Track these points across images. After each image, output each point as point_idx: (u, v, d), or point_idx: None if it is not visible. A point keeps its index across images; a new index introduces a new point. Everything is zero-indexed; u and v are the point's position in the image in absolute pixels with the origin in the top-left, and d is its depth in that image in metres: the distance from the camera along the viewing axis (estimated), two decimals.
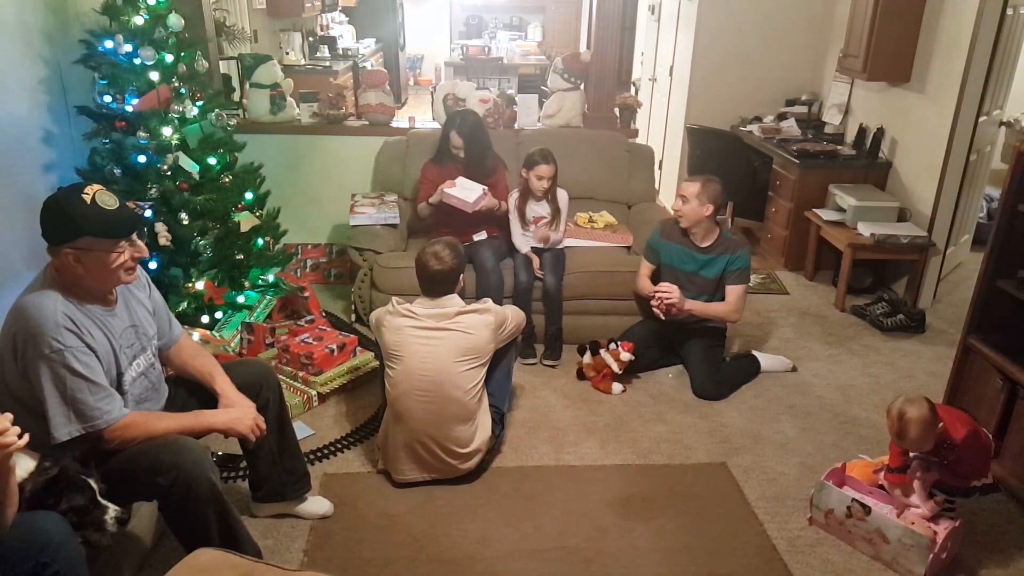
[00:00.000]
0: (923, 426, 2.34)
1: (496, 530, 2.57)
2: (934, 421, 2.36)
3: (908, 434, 2.36)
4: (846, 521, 2.53)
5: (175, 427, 2.08)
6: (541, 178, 3.70)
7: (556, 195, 3.81)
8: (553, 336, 3.70)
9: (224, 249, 3.37)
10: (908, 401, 2.38)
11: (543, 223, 3.79)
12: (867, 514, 2.46)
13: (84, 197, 1.90)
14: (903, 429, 2.36)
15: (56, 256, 1.93)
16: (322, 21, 8.18)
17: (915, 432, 2.35)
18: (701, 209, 3.40)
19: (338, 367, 3.34)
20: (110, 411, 1.94)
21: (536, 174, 3.70)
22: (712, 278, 3.49)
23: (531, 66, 9.16)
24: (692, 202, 3.40)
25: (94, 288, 1.99)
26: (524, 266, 3.69)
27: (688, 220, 3.44)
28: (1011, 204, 2.75)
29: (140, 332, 2.14)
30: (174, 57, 3.21)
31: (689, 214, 3.43)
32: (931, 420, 2.35)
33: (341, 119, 4.44)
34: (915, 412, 2.35)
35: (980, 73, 3.96)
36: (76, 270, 1.92)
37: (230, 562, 1.69)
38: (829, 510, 2.57)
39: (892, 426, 2.40)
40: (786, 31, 5.48)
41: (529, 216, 3.82)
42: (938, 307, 4.43)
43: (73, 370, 1.88)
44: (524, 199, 3.82)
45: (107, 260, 1.94)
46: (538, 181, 3.70)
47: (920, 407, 2.35)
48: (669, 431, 3.18)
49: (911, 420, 2.34)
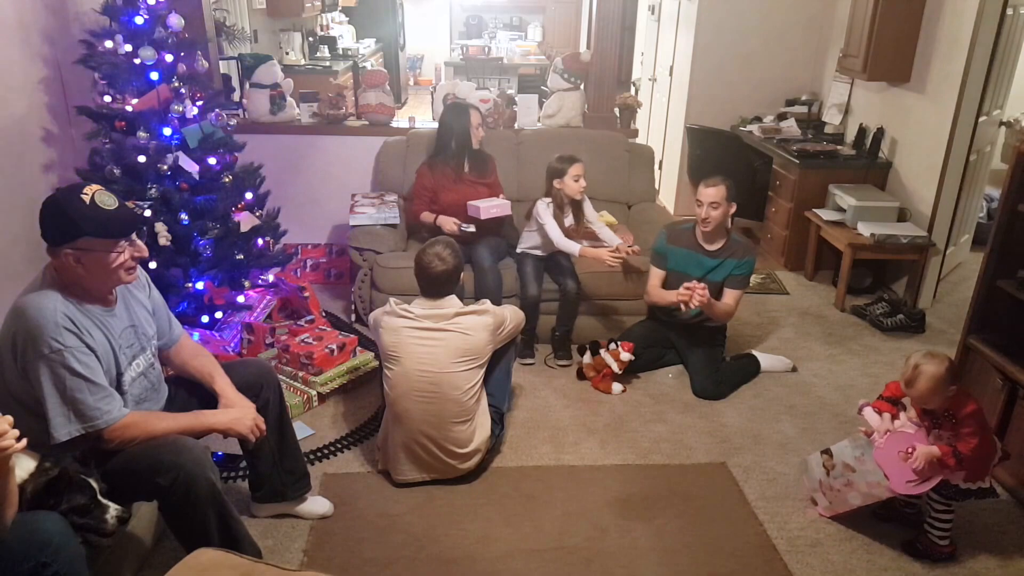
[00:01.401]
0: (935, 382, 2.33)
1: (496, 530, 2.57)
2: (947, 381, 2.34)
3: (916, 384, 2.37)
4: (831, 481, 2.56)
5: (175, 427, 2.08)
6: (578, 178, 3.58)
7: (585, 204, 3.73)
8: (563, 337, 3.70)
9: (224, 249, 3.36)
10: (930, 355, 2.38)
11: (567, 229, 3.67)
12: (832, 457, 2.48)
13: (83, 197, 1.90)
14: (913, 378, 2.37)
15: (56, 257, 1.93)
16: (322, 21, 8.18)
17: (923, 385, 2.35)
18: (728, 209, 3.38)
19: (338, 367, 3.34)
20: (109, 411, 1.94)
21: (573, 174, 3.57)
22: (719, 282, 3.44)
23: (531, 66, 9.15)
24: (723, 206, 3.35)
25: (94, 288, 1.99)
26: (535, 277, 3.61)
27: (715, 223, 3.37)
28: (1011, 204, 2.76)
29: (140, 332, 2.14)
30: (174, 57, 3.21)
31: (720, 218, 3.36)
32: (944, 379, 2.34)
33: (341, 119, 4.44)
34: (931, 367, 2.35)
35: (980, 73, 3.96)
36: (76, 270, 1.92)
37: (230, 562, 1.69)
38: (817, 481, 2.60)
39: (905, 373, 2.41)
40: (786, 31, 5.48)
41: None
42: (938, 307, 4.43)
43: (73, 370, 1.88)
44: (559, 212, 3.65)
45: (107, 260, 1.95)
46: (575, 183, 3.58)
47: (939, 364, 2.35)
48: (669, 431, 3.18)
49: (923, 372, 2.35)
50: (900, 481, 2.39)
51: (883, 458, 2.42)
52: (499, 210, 3.70)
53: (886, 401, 2.60)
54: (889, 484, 2.40)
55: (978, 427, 2.37)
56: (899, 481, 2.39)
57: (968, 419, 2.36)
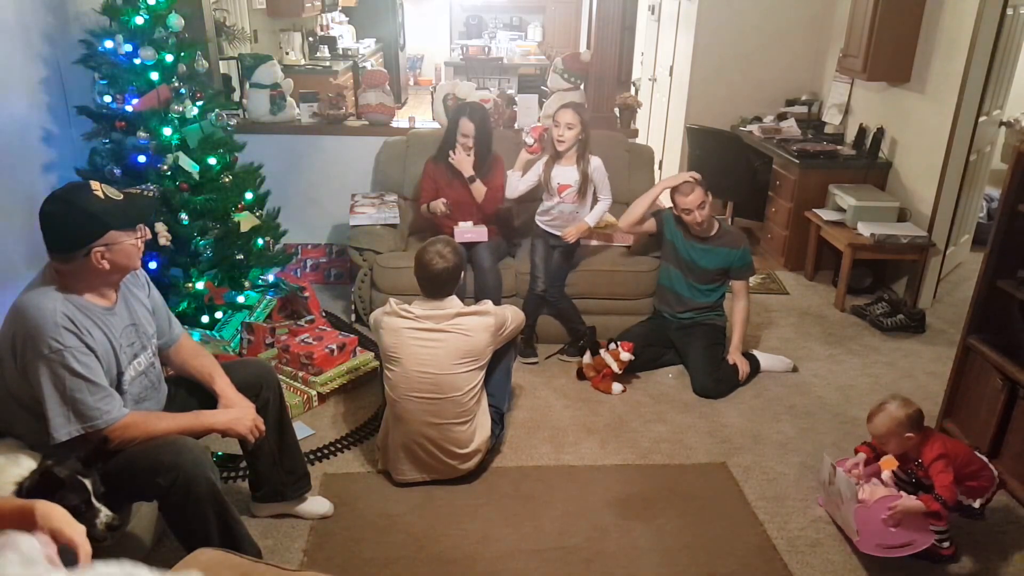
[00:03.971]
0: (892, 422, 2.42)
1: (496, 530, 2.57)
2: (905, 426, 2.41)
3: (875, 419, 2.47)
4: (828, 487, 2.61)
5: (175, 427, 2.08)
6: (559, 125, 3.52)
7: (587, 160, 3.62)
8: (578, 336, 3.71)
9: (224, 249, 3.36)
10: (902, 399, 2.46)
11: (568, 192, 3.64)
12: (835, 475, 2.53)
13: (96, 194, 1.90)
14: (875, 414, 2.48)
15: (76, 260, 1.90)
16: (322, 21, 8.18)
17: (880, 422, 2.45)
18: (708, 200, 3.48)
19: (338, 367, 3.34)
20: (109, 411, 1.94)
21: (555, 120, 3.53)
22: (711, 268, 3.54)
23: (531, 66, 9.15)
24: (706, 202, 3.46)
25: (108, 283, 2.00)
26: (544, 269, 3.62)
27: (705, 219, 3.49)
28: (1011, 204, 2.75)
29: (140, 331, 2.14)
30: (174, 57, 3.21)
31: (706, 214, 3.49)
32: (902, 423, 2.41)
33: (341, 119, 4.44)
34: (893, 408, 2.44)
35: (980, 73, 3.96)
36: (102, 267, 1.92)
37: (230, 562, 1.69)
38: (823, 480, 2.66)
39: (873, 407, 2.51)
40: (786, 31, 5.48)
41: (553, 183, 3.66)
42: (938, 307, 4.43)
43: (72, 370, 1.87)
44: (551, 163, 3.65)
45: (132, 250, 1.99)
46: (556, 129, 3.52)
47: (902, 409, 2.42)
48: (669, 431, 3.18)
49: (886, 410, 2.45)
50: (870, 543, 2.39)
51: (863, 517, 2.40)
52: (474, 235, 3.68)
53: (868, 446, 2.65)
54: (858, 541, 2.42)
55: (946, 465, 2.40)
56: (869, 543, 2.39)
57: (936, 460, 2.40)
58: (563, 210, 3.71)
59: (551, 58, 7.74)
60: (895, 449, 2.47)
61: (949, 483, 2.37)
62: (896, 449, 2.47)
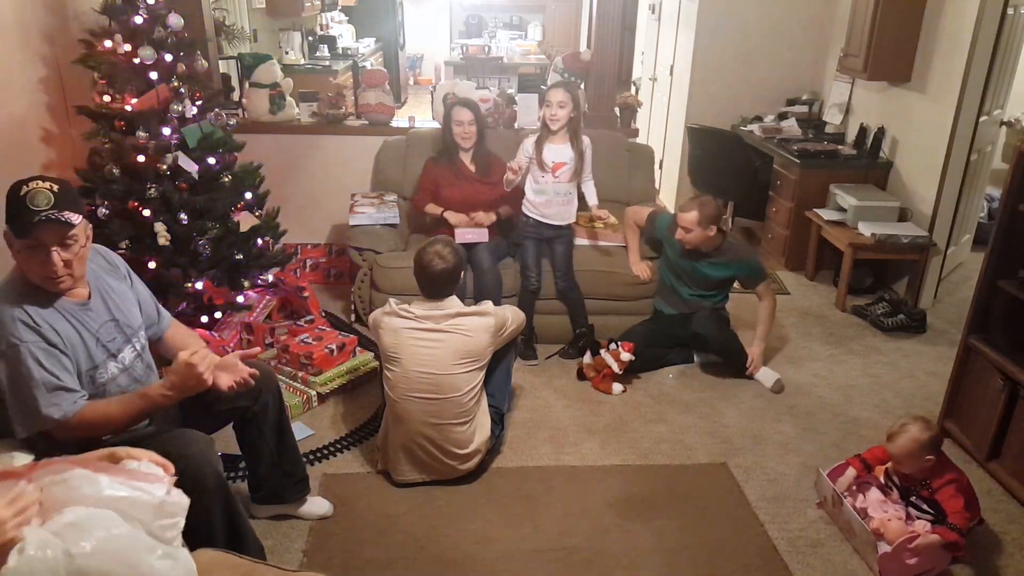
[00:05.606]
0: (914, 444, 2.40)
1: (496, 530, 2.56)
2: (926, 448, 2.40)
3: (897, 440, 2.44)
4: (831, 509, 2.62)
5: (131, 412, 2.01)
6: (550, 104, 3.48)
7: (579, 138, 3.57)
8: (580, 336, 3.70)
9: (224, 249, 3.36)
10: (924, 421, 2.44)
11: (564, 170, 3.58)
12: (840, 506, 2.53)
13: (26, 186, 1.83)
14: (897, 434, 2.44)
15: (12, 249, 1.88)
16: (322, 21, 8.18)
17: (903, 443, 2.42)
18: (706, 232, 3.41)
19: (337, 367, 3.34)
20: (59, 405, 1.89)
21: (547, 100, 3.48)
22: (710, 277, 3.52)
23: (531, 65, 9.15)
24: (695, 230, 3.40)
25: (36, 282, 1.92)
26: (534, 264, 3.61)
27: (694, 244, 3.46)
28: (1011, 204, 2.75)
29: (122, 325, 2.10)
30: (174, 57, 3.20)
31: (694, 240, 3.44)
32: (924, 444, 2.40)
33: (341, 119, 4.44)
34: (916, 430, 2.41)
35: (981, 73, 3.95)
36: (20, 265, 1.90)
37: (230, 562, 1.69)
38: (823, 497, 2.67)
39: (892, 427, 2.47)
40: (786, 31, 5.47)
41: (548, 160, 3.56)
42: (939, 307, 4.43)
43: (28, 366, 1.85)
44: (541, 144, 3.56)
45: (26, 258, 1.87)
46: (548, 109, 3.48)
47: (924, 430, 2.41)
48: (669, 431, 3.17)
49: (908, 431, 2.42)
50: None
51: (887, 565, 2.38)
52: (473, 236, 3.68)
53: (859, 459, 2.65)
54: None
55: (957, 490, 2.41)
56: None
57: (947, 485, 2.41)
58: (557, 190, 3.62)
59: (551, 57, 7.73)
60: (910, 469, 2.46)
61: (961, 508, 2.38)
62: (910, 469, 2.46)
